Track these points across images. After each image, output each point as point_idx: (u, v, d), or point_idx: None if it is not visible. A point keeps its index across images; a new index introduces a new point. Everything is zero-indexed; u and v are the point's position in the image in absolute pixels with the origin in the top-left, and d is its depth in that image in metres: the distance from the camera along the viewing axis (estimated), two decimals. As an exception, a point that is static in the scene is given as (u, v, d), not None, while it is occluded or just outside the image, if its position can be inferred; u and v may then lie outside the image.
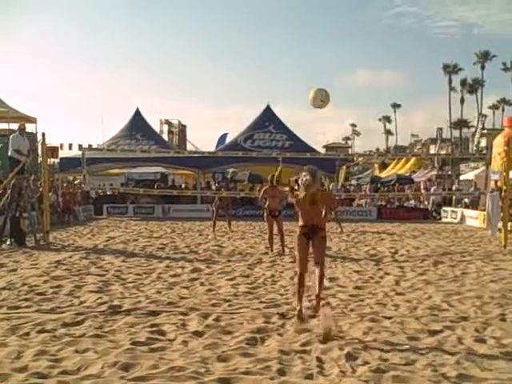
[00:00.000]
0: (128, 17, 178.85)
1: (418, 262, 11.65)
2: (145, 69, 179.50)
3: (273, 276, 9.75)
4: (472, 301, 7.75)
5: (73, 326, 6.28)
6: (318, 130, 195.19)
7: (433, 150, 67.89)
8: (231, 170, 33.59)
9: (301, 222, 6.46)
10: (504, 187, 14.59)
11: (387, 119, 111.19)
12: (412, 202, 29.90)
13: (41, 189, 19.33)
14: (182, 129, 47.15)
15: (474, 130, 78.46)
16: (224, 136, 43.50)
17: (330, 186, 28.90)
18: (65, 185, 25.33)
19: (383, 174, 44.48)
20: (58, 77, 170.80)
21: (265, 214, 13.59)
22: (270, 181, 13.81)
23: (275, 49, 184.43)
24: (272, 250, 13.04)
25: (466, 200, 25.96)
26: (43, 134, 15.54)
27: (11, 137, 14.73)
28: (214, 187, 29.06)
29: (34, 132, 25.22)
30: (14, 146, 14.18)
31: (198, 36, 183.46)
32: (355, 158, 56.78)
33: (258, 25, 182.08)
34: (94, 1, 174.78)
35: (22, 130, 14.86)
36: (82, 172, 18.05)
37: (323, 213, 6.23)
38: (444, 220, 25.83)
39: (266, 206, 13.50)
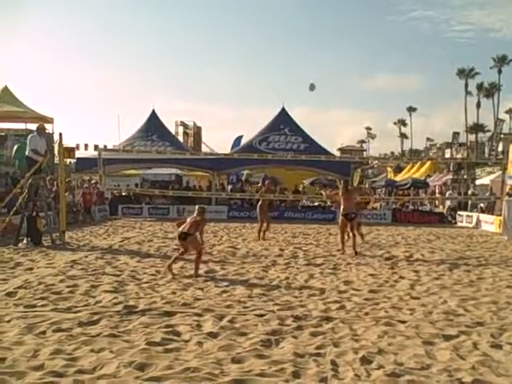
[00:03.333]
0: (147, 17, 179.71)
1: (433, 266, 11.59)
2: (161, 69, 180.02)
3: (287, 278, 9.74)
4: (488, 306, 7.71)
5: (88, 325, 6.33)
6: (336, 132, 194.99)
7: (448, 154, 67.47)
8: (245, 172, 33.64)
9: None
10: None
11: (402, 123, 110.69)
12: (427, 205, 29.77)
13: (54, 188, 19.48)
14: (197, 130, 47.39)
15: (490, 134, 78.07)
16: (239, 138, 43.56)
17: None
18: (85, 185, 25.49)
19: (398, 178, 44.28)
20: (75, 76, 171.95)
21: (340, 217, 13.85)
22: (345, 184, 14.29)
23: (294, 52, 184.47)
24: (343, 251, 13.46)
25: (482, 205, 25.79)
26: (60, 135, 15.65)
27: (29, 137, 14.83)
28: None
29: (51, 132, 25.40)
30: (32, 146, 14.29)
31: (216, 37, 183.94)
32: (370, 161, 56.62)
33: (277, 28, 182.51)
34: (116, 2, 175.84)
35: (40, 129, 14.97)
36: (98, 172, 18.15)
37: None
38: (459, 224, 25.67)
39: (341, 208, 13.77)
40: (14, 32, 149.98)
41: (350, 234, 13.87)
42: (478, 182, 35.45)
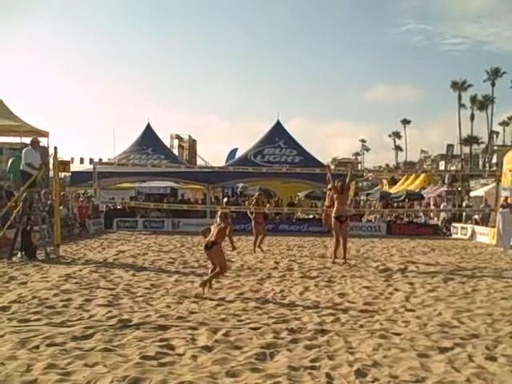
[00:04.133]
0: (143, 30, 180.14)
1: (427, 278, 11.58)
2: (157, 82, 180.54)
3: (282, 291, 9.72)
4: (483, 318, 7.71)
5: (82, 339, 6.29)
6: (331, 145, 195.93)
7: (442, 166, 67.73)
8: (241, 185, 33.68)
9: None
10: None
11: (397, 135, 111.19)
12: (422, 217, 29.82)
13: (49, 201, 19.43)
14: (192, 143, 47.48)
15: (484, 146, 78.54)
16: (234, 151, 43.66)
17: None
18: (81, 199, 25.48)
19: (393, 190, 44.40)
20: (69, 90, 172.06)
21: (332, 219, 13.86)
22: (341, 186, 13.97)
23: (289, 64, 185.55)
24: (335, 261, 13.56)
25: (476, 216, 25.84)
26: (55, 148, 15.64)
27: (24, 150, 14.86)
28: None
29: (46, 146, 25.41)
30: (27, 160, 14.29)
31: (213, 50, 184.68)
32: (365, 174, 56.79)
33: (274, 40, 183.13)
34: (111, 12, 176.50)
35: (34, 143, 14.99)
36: (93, 186, 18.14)
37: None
38: (454, 236, 25.69)
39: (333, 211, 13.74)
40: (7, 45, 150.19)
41: (341, 241, 13.89)
42: (472, 194, 35.55)
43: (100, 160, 22.34)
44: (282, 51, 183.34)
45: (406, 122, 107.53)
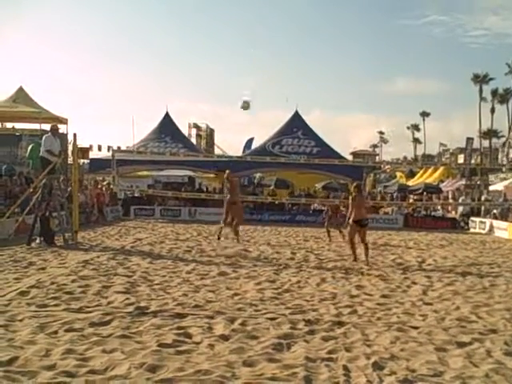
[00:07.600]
0: (162, 20, 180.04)
1: (445, 272, 11.51)
2: (176, 71, 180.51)
3: (299, 282, 9.71)
4: (501, 313, 7.64)
5: (100, 325, 6.34)
6: (351, 136, 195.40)
7: (461, 159, 67.05)
8: (258, 175, 33.64)
9: None
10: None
11: (416, 127, 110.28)
12: (440, 211, 29.62)
13: (69, 188, 19.58)
14: (210, 133, 47.51)
15: (504, 140, 77.61)
16: (250, 140, 43.59)
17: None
18: (99, 186, 25.63)
19: (411, 183, 44.07)
20: (89, 77, 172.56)
21: (350, 223, 12.68)
22: (357, 189, 12.87)
23: (309, 56, 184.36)
24: (356, 259, 12.68)
25: (495, 211, 25.61)
26: (74, 135, 15.74)
27: (44, 137, 14.97)
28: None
29: (65, 133, 25.57)
30: (46, 147, 14.40)
31: (233, 40, 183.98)
32: (382, 166, 56.44)
33: (292, 32, 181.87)
34: (131, 1, 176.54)
35: (54, 130, 15.08)
36: (112, 173, 18.23)
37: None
38: (472, 230, 25.49)
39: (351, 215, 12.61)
40: (27, 31, 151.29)
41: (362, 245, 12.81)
42: (491, 188, 35.16)
43: (118, 148, 22.43)
44: (302, 43, 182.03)
45: (425, 114, 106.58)
